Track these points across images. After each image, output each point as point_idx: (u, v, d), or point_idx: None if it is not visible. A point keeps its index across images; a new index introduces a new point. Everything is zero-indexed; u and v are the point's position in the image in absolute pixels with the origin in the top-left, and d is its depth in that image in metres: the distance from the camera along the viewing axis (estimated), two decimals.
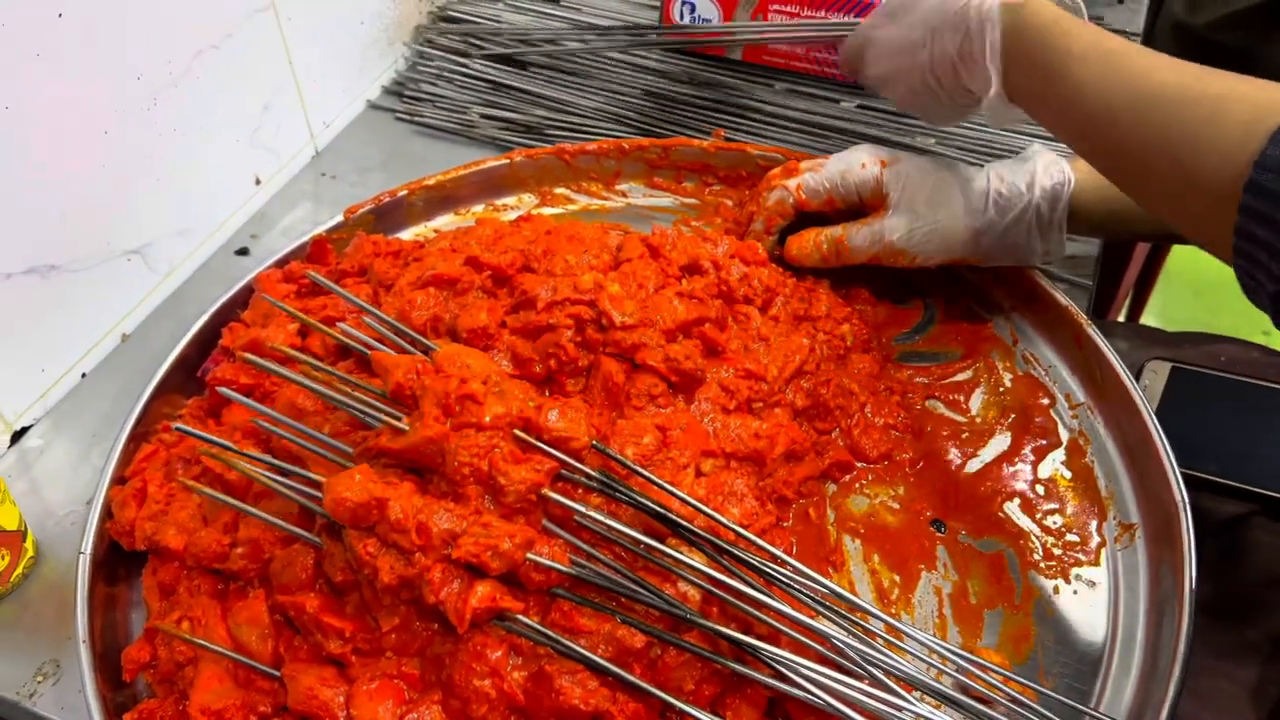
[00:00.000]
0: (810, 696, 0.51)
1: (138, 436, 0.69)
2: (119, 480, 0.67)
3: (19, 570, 0.65)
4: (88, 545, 0.63)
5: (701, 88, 1.00)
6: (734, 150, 0.87)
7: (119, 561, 0.65)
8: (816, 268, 0.77)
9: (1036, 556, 0.65)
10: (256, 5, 0.86)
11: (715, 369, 0.65)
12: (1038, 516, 0.68)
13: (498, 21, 1.09)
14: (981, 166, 0.74)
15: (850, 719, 0.51)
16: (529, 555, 0.53)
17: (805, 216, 0.78)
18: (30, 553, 0.66)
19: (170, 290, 0.85)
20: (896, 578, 0.64)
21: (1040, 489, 0.69)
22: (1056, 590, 0.64)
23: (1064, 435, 0.72)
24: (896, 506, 0.68)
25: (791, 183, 0.76)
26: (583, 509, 0.54)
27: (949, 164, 0.74)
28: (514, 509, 0.54)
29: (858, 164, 0.74)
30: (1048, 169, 0.71)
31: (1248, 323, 1.13)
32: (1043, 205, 0.70)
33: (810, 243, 0.76)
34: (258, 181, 0.93)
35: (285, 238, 0.90)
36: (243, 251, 0.89)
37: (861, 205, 0.75)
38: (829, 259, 0.75)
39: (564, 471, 0.56)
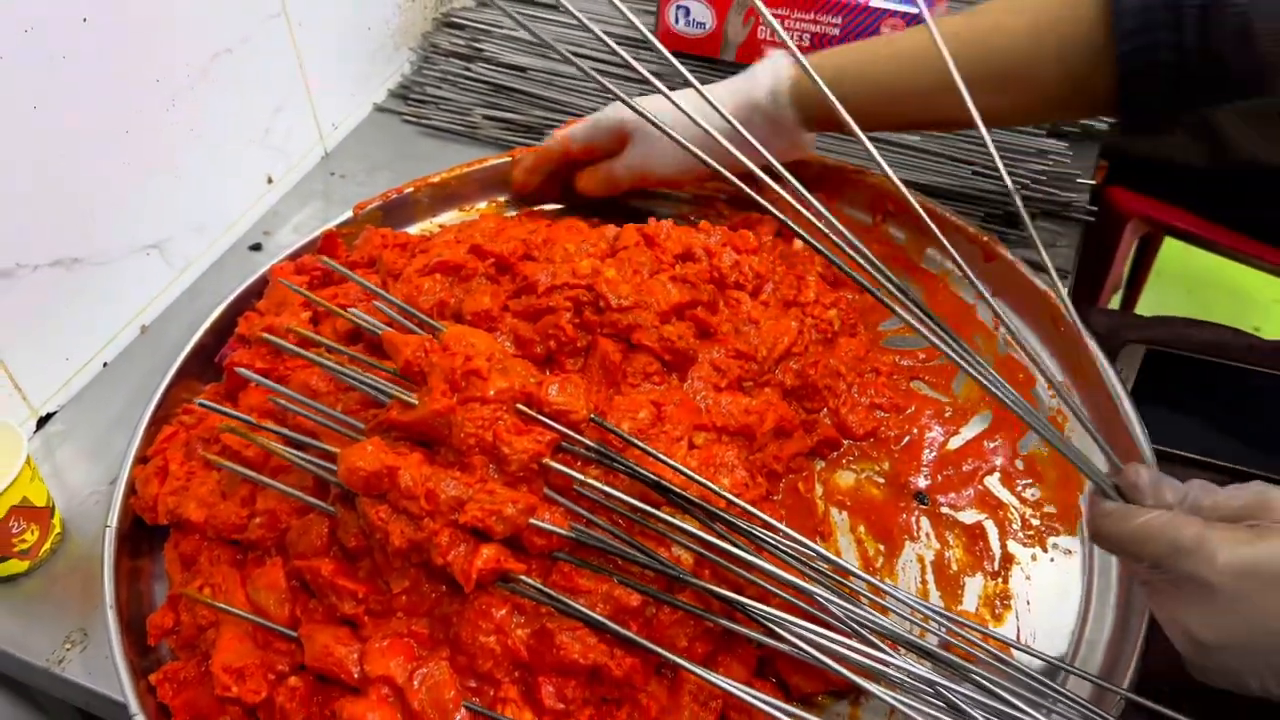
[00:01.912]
0: (798, 651, 0.54)
1: (159, 419, 0.73)
2: (141, 460, 0.70)
3: (47, 545, 0.69)
4: (113, 519, 0.66)
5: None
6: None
7: (142, 537, 0.69)
8: (606, 196, 0.89)
9: (1015, 527, 0.69)
10: (269, 11, 0.90)
11: (707, 350, 0.69)
12: (1017, 489, 0.71)
13: (499, 27, 1.13)
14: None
15: (836, 672, 0.54)
16: (531, 520, 0.56)
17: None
18: (58, 529, 0.70)
19: (187, 284, 0.89)
20: (881, 547, 0.68)
21: (1019, 464, 0.72)
22: (1034, 558, 0.67)
23: (1043, 414, 0.75)
24: (881, 481, 0.71)
25: (560, 132, 0.88)
26: (582, 478, 0.57)
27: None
28: (517, 477, 0.57)
29: (610, 112, 0.85)
30: (766, 70, 0.79)
31: (1237, 320, 1.16)
32: (767, 105, 0.78)
33: (589, 175, 0.89)
34: (270, 180, 0.96)
35: (297, 234, 0.93)
36: (256, 247, 0.93)
37: (620, 147, 0.86)
38: (602, 186, 0.88)
39: (564, 443, 0.59)
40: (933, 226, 0.59)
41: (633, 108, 0.55)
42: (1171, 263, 1.86)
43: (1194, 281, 2.05)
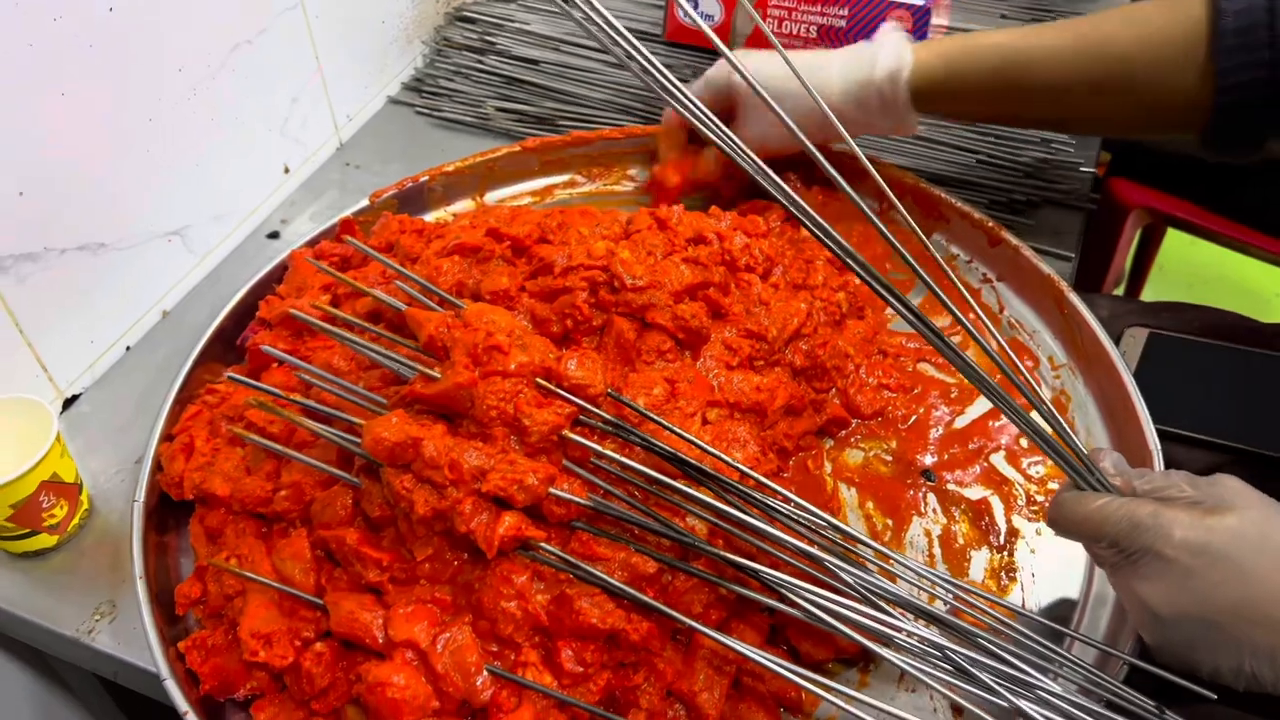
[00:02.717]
0: (809, 615, 0.56)
1: (183, 399, 0.75)
2: (167, 438, 0.72)
3: (76, 520, 0.71)
4: (141, 494, 0.68)
5: None
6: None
7: (167, 514, 0.70)
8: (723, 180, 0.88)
9: (1020, 502, 0.70)
10: (286, 4, 0.92)
11: (719, 329, 0.71)
12: (1022, 467, 0.72)
13: (511, 20, 1.15)
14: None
15: (847, 636, 0.56)
16: (551, 490, 0.58)
17: None
18: (85, 505, 0.72)
19: (207, 270, 0.91)
20: (889, 522, 0.69)
21: (1024, 442, 0.74)
22: (1039, 532, 0.69)
23: (1046, 394, 0.77)
24: (889, 459, 0.73)
25: (669, 111, 0.87)
26: (600, 449, 0.59)
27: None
28: (537, 449, 0.59)
29: (719, 71, 0.85)
30: (889, 53, 0.79)
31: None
32: (885, 87, 0.79)
33: (705, 157, 0.88)
34: (287, 170, 0.98)
35: (313, 222, 0.95)
36: (274, 235, 0.95)
37: (731, 113, 0.85)
38: (719, 165, 0.88)
39: (582, 416, 0.61)
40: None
41: (736, 68, 0.57)
42: (1174, 257, 1.87)
43: (1195, 276, 2.06)
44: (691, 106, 0.55)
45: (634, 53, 0.54)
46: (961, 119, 0.92)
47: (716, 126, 0.55)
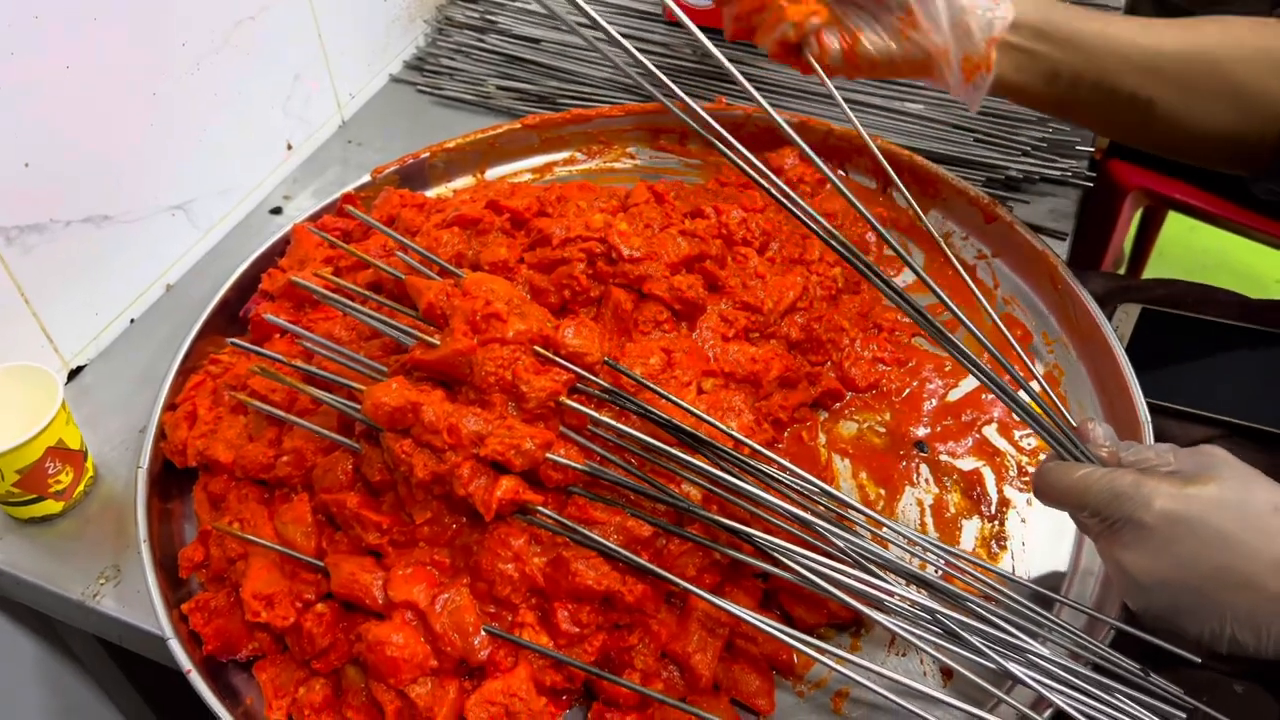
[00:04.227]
0: (802, 578, 0.57)
1: (186, 370, 0.76)
2: (170, 407, 0.73)
3: (81, 487, 0.72)
4: (145, 460, 0.69)
5: (704, 58, 1.06)
6: (735, 112, 0.93)
7: (171, 482, 0.72)
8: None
9: (1011, 473, 0.71)
10: None
11: (715, 302, 0.71)
12: (1014, 439, 0.73)
13: (513, 0, 1.16)
14: None
15: (839, 599, 0.57)
16: (548, 455, 0.59)
17: None
18: (90, 472, 0.73)
19: (210, 245, 0.92)
20: (882, 491, 0.70)
21: (1016, 415, 0.74)
22: (1029, 502, 0.70)
23: (1039, 369, 0.78)
24: (883, 430, 0.74)
25: None
26: (596, 415, 0.60)
27: None
28: (535, 414, 0.60)
29: None
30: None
31: None
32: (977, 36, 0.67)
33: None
34: (289, 147, 0.99)
35: (316, 198, 0.96)
36: (276, 211, 0.96)
37: None
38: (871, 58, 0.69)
39: (579, 384, 0.61)
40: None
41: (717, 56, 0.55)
42: (1174, 242, 1.88)
43: (1196, 262, 2.07)
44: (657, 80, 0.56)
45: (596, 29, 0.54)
46: (1038, 95, 0.71)
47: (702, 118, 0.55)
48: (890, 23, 0.67)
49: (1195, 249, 2.06)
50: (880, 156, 0.65)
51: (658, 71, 0.58)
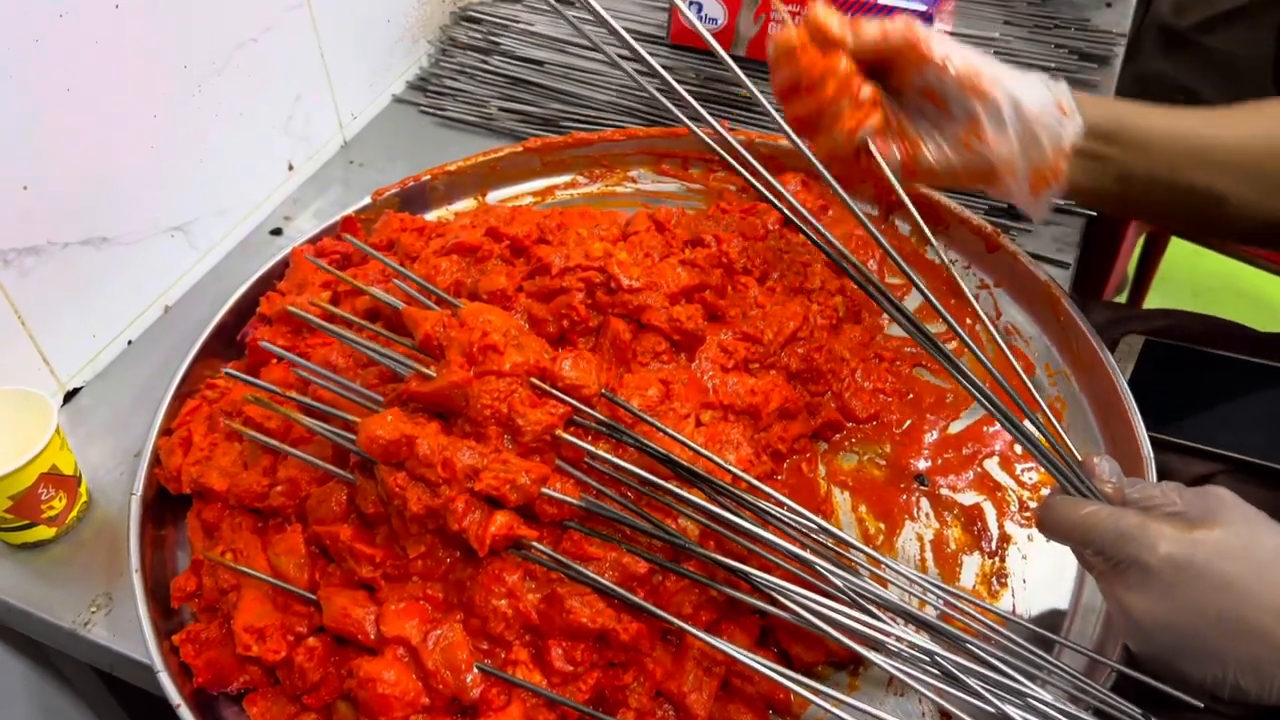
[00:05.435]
0: (800, 618, 0.56)
1: (182, 394, 0.75)
2: (166, 432, 0.73)
3: (74, 513, 0.71)
4: (139, 487, 0.69)
5: (707, 82, 1.06)
6: (737, 137, 0.93)
7: (165, 507, 0.71)
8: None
9: (1013, 508, 0.71)
10: (292, 2, 0.92)
11: (715, 332, 0.71)
12: (1016, 473, 0.73)
13: (516, 21, 1.16)
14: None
15: (837, 640, 0.56)
16: (543, 489, 0.58)
17: None
18: (84, 498, 0.72)
19: (209, 266, 0.91)
20: (881, 525, 0.70)
21: (1018, 448, 0.74)
22: (1030, 539, 0.69)
23: (1043, 400, 0.77)
24: (883, 463, 0.73)
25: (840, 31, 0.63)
26: (592, 449, 0.59)
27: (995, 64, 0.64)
28: (530, 448, 0.59)
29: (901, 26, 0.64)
30: (1058, 85, 0.64)
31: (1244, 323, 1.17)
32: (1064, 102, 0.63)
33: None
34: (290, 167, 0.99)
35: (316, 219, 0.96)
36: (276, 232, 0.95)
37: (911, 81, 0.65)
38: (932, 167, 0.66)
39: (576, 417, 0.61)
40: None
41: (736, 72, 0.53)
42: (1179, 264, 1.87)
43: (1201, 284, 2.06)
44: (686, 103, 0.55)
45: (627, 51, 0.54)
46: (1109, 198, 0.68)
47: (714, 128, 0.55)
48: (953, 132, 0.64)
49: (1200, 270, 2.05)
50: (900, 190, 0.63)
51: (687, 95, 0.57)
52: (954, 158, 0.64)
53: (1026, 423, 0.60)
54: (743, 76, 0.61)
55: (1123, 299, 1.67)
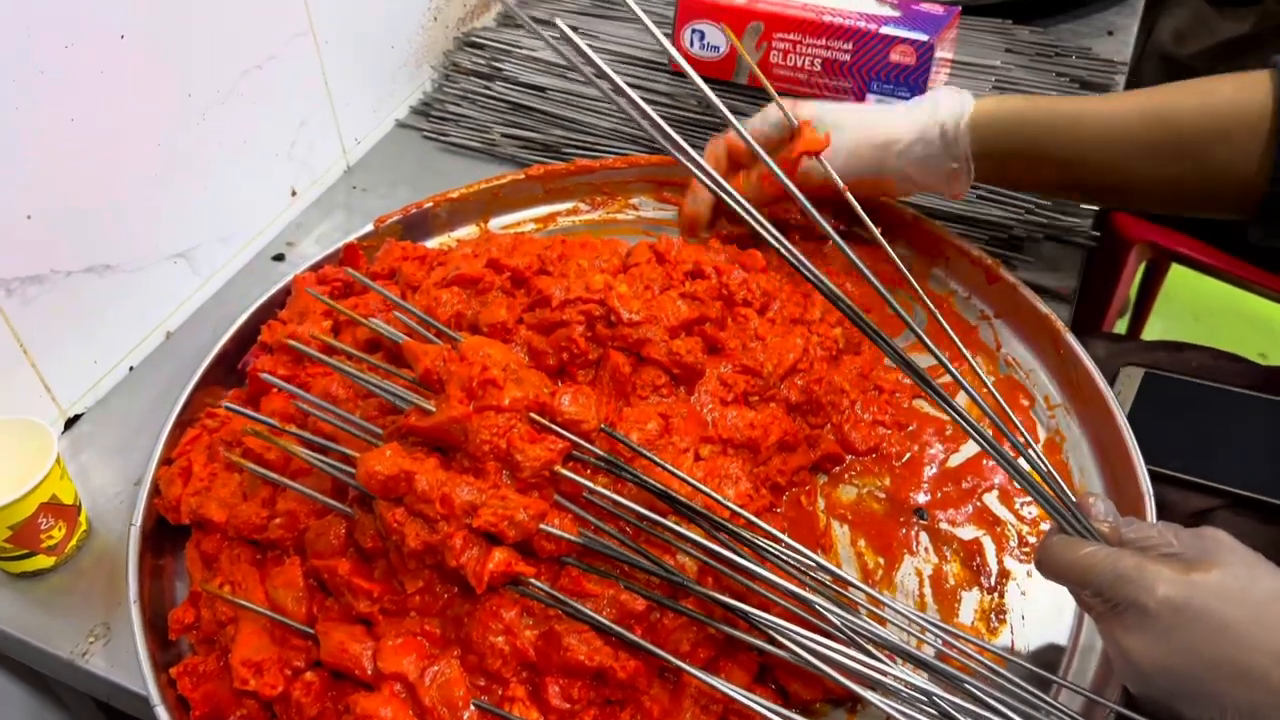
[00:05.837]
0: (797, 658, 0.56)
1: (183, 423, 0.75)
2: (166, 461, 0.73)
3: (73, 542, 0.71)
4: (138, 518, 0.69)
5: (707, 109, 1.06)
6: None
7: (164, 536, 0.71)
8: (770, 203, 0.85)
9: (1012, 543, 0.70)
10: (296, 30, 0.93)
11: (715, 364, 0.71)
12: (1015, 507, 0.73)
13: (519, 47, 1.16)
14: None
15: (835, 679, 0.56)
16: (542, 526, 0.58)
17: None
18: (84, 526, 0.72)
19: (211, 292, 0.92)
20: (880, 560, 0.69)
21: (1018, 483, 0.74)
22: (1030, 574, 0.69)
23: (1041, 434, 0.77)
24: (883, 496, 0.73)
25: (717, 140, 0.87)
26: (591, 485, 0.60)
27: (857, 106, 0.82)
28: (529, 484, 0.59)
29: (772, 111, 0.82)
30: (951, 98, 0.79)
31: (1245, 346, 1.17)
32: (948, 125, 0.78)
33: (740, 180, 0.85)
34: (293, 193, 0.99)
35: (319, 245, 0.96)
36: (279, 258, 0.96)
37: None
38: (767, 189, 0.83)
39: (575, 452, 0.61)
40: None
41: (730, 121, 0.62)
42: (1179, 288, 1.86)
43: (1202, 307, 2.06)
44: (676, 144, 0.56)
45: (615, 84, 0.54)
46: (1018, 180, 0.85)
47: (705, 171, 0.56)
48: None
49: (1202, 293, 2.04)
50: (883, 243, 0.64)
51: (665, 125, 0.59)
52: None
53: (1021, 460, 0.60)
54: (718, 104, 0.62)
55: (1124, 323, 1.67)
